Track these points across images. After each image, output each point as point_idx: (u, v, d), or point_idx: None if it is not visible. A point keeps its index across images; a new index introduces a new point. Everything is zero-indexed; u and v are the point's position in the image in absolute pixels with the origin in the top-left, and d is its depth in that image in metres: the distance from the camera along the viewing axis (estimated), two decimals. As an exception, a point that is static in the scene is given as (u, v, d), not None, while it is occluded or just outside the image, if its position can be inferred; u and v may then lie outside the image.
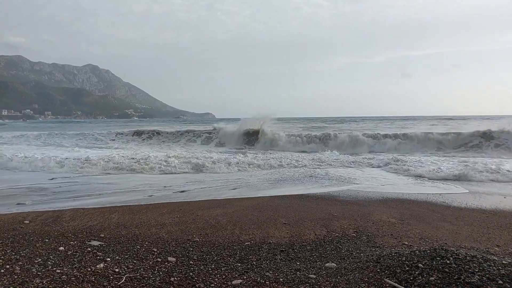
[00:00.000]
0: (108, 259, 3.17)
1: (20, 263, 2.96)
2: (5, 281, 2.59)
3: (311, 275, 2.88)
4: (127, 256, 3.27)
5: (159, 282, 2.71)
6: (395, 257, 3.04)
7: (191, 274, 2.90)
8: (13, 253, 3.19)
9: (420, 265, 2.74)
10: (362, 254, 3.38)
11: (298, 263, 3.22)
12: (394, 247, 3.60)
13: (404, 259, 2.94)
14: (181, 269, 3.00)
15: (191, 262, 3.20)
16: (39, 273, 2.77)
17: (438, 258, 2.79)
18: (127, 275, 2.82)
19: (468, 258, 2.76)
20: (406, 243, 3.76)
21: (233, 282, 2.74)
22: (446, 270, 2.59)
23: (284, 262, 3.25)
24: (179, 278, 2.80)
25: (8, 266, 2.87)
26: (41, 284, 2.57)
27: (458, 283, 2.41)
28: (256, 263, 3.22)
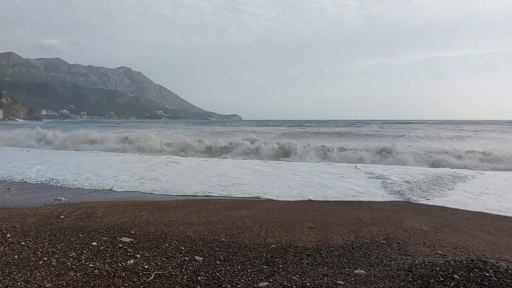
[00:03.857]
0: (138, 255, 3.25)
1: (56, 256, 3.11)
2: (42, 273, 2.73)
3: (339, 281, 2.81)
4: (156, 254, 3.35)
5: (186, 281, 2.75)
6: (428, 266, 2.90)
7: (217, 274, 2.92)
8: (50, 246, 3.35)
9: (455, 276, 2.60)
10: (392, 262, 3.26)
11: (325, 268, 3.15)
12: (427, 256, 3.44)
13: (438, 269, 2.80)
14: (208, 269, 3.02)
15: (217, 262, 3.22)
16: (73, 266, 2.89)
17: (476, 270, 2.64)
18: (156, 272, 2.88)
19: (510, 271, 2.59)
20: (440, 252, 3.59)
21: (259, 284, 2.73)
22: (485, 283, 2.44)
23: (311, 267, 3.19)
24: (206, 278, 2.83)
25: (45, 258, 3.02)
26: (75, 277, 2.68)
27: (498, 297, 2.27)
28: (282, 266, 3.19)
